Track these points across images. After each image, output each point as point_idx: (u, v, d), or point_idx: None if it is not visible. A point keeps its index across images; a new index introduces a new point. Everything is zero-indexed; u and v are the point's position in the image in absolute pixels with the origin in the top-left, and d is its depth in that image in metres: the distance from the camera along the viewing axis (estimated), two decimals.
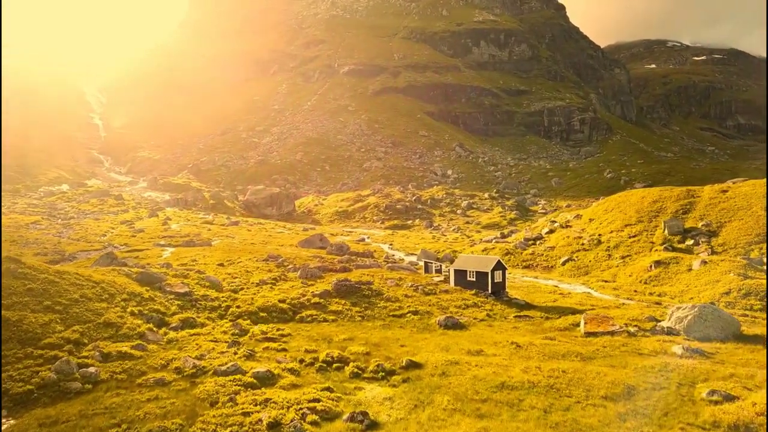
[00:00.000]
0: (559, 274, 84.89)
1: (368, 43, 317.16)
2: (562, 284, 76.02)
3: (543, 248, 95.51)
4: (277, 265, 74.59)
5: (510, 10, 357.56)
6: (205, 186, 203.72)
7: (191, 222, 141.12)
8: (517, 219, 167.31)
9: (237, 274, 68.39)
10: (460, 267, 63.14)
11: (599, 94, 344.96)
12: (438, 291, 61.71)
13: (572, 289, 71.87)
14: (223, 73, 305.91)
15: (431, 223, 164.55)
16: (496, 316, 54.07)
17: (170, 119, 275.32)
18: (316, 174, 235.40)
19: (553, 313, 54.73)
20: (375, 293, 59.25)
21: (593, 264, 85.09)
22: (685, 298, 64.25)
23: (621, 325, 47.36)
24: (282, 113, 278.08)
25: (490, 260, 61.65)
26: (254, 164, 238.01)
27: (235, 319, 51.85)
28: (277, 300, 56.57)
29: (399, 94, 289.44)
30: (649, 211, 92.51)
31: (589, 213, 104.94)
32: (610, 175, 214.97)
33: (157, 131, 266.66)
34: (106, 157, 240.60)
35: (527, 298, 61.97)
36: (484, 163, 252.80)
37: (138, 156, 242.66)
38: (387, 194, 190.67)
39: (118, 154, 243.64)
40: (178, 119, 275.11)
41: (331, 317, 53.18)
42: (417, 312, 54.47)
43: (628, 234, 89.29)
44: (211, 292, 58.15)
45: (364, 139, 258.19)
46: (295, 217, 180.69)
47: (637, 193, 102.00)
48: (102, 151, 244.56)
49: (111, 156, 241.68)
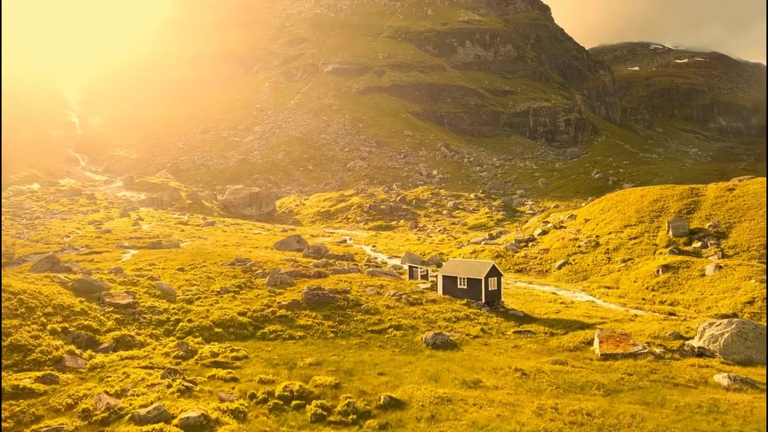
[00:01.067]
0: (556, 279, 76.57)
1: (352, 42, 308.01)
2: (560, 291, 67.70)
3: (536, 250, 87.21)
4: (244, 270, 65.58)
5: (495, 11, 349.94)
6: (183, 186, 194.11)
7: (165, 222, 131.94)
8: (505, 220, 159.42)
9: (197, 280, 59.27)
10: (450, 273, 54.51)
11: (584, 96, 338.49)
12: (424, 300, 53.02)
13: (573, 297, 63.57)
14: (205, 71, 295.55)
15: (416, 223, 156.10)
16: (493, 332, 45.46)
17: (150, 118, 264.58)
18: (299, 174, 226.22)
19: (558, 328, 46.23)
20: (352, 304, 50.43)
21: (592, 268, 76.86)
22: (701, 307, 56.09)
23: (643, 344, 38.93)
24: (264, 112, 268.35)
25: (483, 265, 53.03)
26: (235, 163, 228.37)
27: (184, 336, 42.90)
28: (237, 312, 47.62)
29: (384, 94, 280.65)
30: (650, 211, 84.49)
31: (584, 213, 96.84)
32: (598, 176, 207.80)
33: (136, 130, 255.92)
34: (83, 155, 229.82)
35: (525, 308, 53.47)
36: (469, 163, 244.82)
37: (115, 155, 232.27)
38: (371, 194, 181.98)
39: (95, 152, 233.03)
40: (158, 118, 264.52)
41: (298, 333, 44.32)
42: (400, 326, 45.77)
43: (628, 235, 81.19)
44: (160, 302, 49.09)
45: (348, 139, 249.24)
46: (276, 218, 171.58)
47: (636, 191, 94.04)
48: (78, 149, 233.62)
49: (87, 155, 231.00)
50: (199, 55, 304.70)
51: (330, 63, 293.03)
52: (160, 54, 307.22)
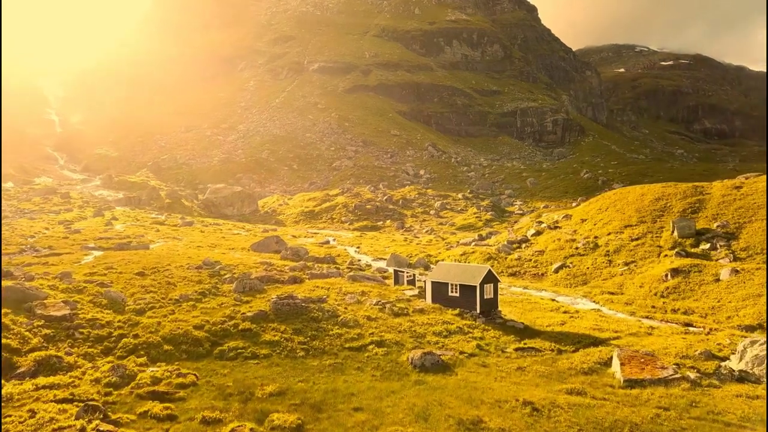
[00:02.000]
0: (553, 284, 69.81)
1: (339, 41, 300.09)
2: (559, 297, 60.90)
3: (530, 252, 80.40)
4: (211, 275, 58.20)
5: (482, 11, 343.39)
6: (164, 185, 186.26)
7: (140, 222, 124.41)
8: (494, 220, 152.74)
9: (155, 286, 51.79)
10: (440, 278, 47.40)
11: (571, 96, 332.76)
12: (411, 310, 45.89)
13: (574, 304, 56.80)
14: (189, 69, 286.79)
15: (403, 224, 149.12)
16: (491, 348, 38.42)
17: (131, 116, 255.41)
18: (284, 173, 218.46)
19: (565, 343, 39.30)
20: (328, 315, 43.17)
21: (592, 271, 70.16)
22: (720, 317, 49.45)
23: (672, 366, 32.05)
24: (249, 110, 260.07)
25: (478, 270, 45.97)
26: (218, 162, 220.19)
27: (125, 355, 35.55)
28: (194, 325, 40.26)
29: (370, 93, 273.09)
30: (652, 210, 77.97)
31: (580, 213, 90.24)
32: (587, 176, 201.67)
33: (116, 128, 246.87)
34: (61, 154, 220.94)
35: (525, 318, 46.54)
36: (456, 163, 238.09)
37: (95, 153, 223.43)
38: (356, 194, 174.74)
39: (74, 151, 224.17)
40: (140, 116, 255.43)
41: (263, 351, 37.05)
42: (383, 342, 38.60)
43: (629, 236, 74.58)
44: (105, 314, 41.62)
45: (334, 138, 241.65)
46: (258, 218, 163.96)
47: (635, 189, 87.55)
48: (57, 147, 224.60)
49: (66, 153, 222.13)
50: (183, 52, 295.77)
51: (316, 61, 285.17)
52: (144, 51, 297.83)
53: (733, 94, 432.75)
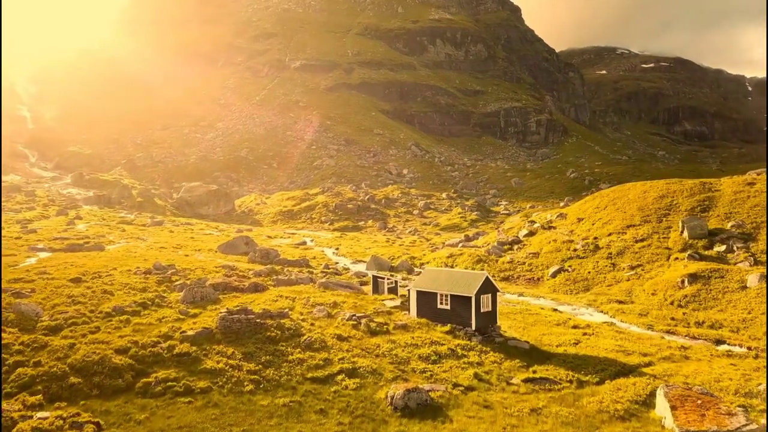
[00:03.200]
0: (551, 290, 61.48)
1: (321, 39, 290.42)
2: (561, 306, 52.51)
3: (524, 255, 72.03)
4: (160, 281, 49.05)
5: (466, 10, 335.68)
6: (137, 183, 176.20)
7: (106, 221, 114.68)
8: (479, 220, 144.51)
9: (86, 296, 42.51)
10: (427, 287, 38.66)
11: (554, 97, 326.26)
12: (392, 327, 37.10)
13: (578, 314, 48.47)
14: (167, 65, 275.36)
15: (385, 224, 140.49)
16: (493, 379, 29.78)
17: (106, 113, 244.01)
18: (263, 172, 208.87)
19: (586, 371, 30.74)
20: (289, 333, 34.23)
21: (594, 276, 61.92)
22: (755, 332, 41.33)
23: (738, 409, 23.64)
24: (228, 108, 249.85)
25: (472, 278, 37.29)
26: (195, 160, 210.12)
27: (17, 392, 26.57)
28: (116, 348, 31.23)
29: (353, 91, 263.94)
30: (657, 209, 70.01)
31: (576, 211, 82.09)
32: (574, 175, 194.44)
33: (91, 125, 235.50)
34: (33, 151, 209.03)
35: (530, 335, 37.99)
36: (440, 162, 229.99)
37: (67, 151, 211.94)
38: (337, 193, 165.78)
39: (46, 148, 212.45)
40: (116, 113, 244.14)
41: (200, 384, 28.15)
42: (355, 371, 29.86)
43: (633, 237, 66.51)
44: (7, 332, 32.44)
45: (315, 136, 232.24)
46: (234, 218, 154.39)
47: (637, 186, 79.57)
48: (28, 145, 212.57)
49: (38, 150, 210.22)
50: (161, 49, 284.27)
51: (297, 59, 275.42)
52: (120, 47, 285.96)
53: (713, 97, 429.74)
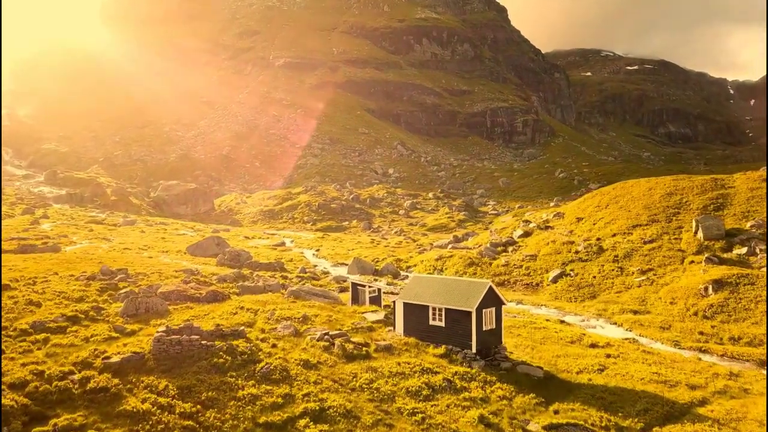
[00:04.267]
0: (552, 297, 54.34)
1: (306, 37, 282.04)
2: (568, 316, 45.35)
3: (520, 257, 64.87)
4: (103, 289, 41.21)
5: (452, 10, 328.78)
6: (114, 181, 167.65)
7: (74, 221, 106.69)
8: (467, 220, 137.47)
9: (7, 307, 34.60)
10: (416, 299, 31.22)
11: (540, 98, 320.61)
12: (373, 348, 29.60)
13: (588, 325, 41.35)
14: (149, 62, 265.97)
15: (370, 224, 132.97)
16: (504, 425, 22.36)
17: (86, 110, 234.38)
18: (245, 171, 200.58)
19: (623, 412, 23.45)
20: (242, 360, 26.59)
21: (600, 282, 54.86)
22: None
23: None
24: (211, 106, 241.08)
25: (472, 288, 29.88)
26: (175, 159, 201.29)
27: None
28: (10, 383, 23.53)
29: (338, 90, 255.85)
30: (665, 207, 63.23)
31: (574, 210, 75.12)
32: (563, 175, 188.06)
33: (68, 123, 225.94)
34: (6, 149, 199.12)
35: (542, 357, 30.68)
36: (426, 162, 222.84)
37: (43, 148, 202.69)
38: (321, 192, 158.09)
39: (21, 145, 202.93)
40: (95, 111, 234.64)
41: None
42: (323, 413, 22.39)
43: (640, 238, 59.60)
44: None
45: (299, 135, 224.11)
46: (213, 217, 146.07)
47: (641, 183, 72.73)
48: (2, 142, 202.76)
49: (12, 147, 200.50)
50: (143, 45, 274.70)
51: (282, 57, 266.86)
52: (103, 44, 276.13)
53: (696, 99, 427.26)
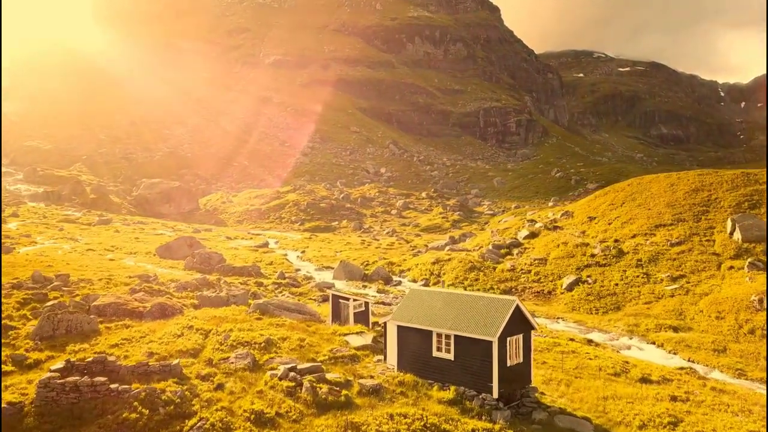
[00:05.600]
0: (569, 307, 46.12)
1: (297, 34, 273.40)
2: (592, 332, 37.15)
3: (527, 261, 56.63)
4: (25, 300, 32.66)
5: (445, 8, 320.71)
6: (96, 179, 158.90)
7: (46, 220, 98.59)
8: (462, 220, 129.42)
9: None
10: (415, 322, 22.79)
11: (533, 98, 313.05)
12: (355, 391, 21.16)
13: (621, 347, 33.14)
14: (138, 60, 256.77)
15: (361, 224, 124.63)
16: None
17: (71, 108, 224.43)
18: (233, 169, 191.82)
19: None
20: (168, 413, 18.09)
21: (624, 290, 46.70)
22: None
23: None
24: (200, 104, 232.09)
25: (493, 308, 21.49)
26: (161, 157, 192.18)
27: None
28: None
29: (329, 88, 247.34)
30: (692, 205, 55.19)
31: (584, 209, 66.98)
32: (559, 174, 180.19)
33: (53, 120, 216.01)
34: None
35: (582, 401, 22.40)
36: (419, 162, 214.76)
37: (25, 145, 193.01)
38: (310, 191, 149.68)
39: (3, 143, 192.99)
40: (81, 108, 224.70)
41: None
42: None
43: (666, 239, 51.52)
44: None
45: (289, 133, 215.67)
46: (197, 217, 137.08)
47: (661, 179, 64.55)
48: None
49: None
50: (132, 43, 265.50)
51: (272, 54, 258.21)
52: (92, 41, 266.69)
53: (687, 101, 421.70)
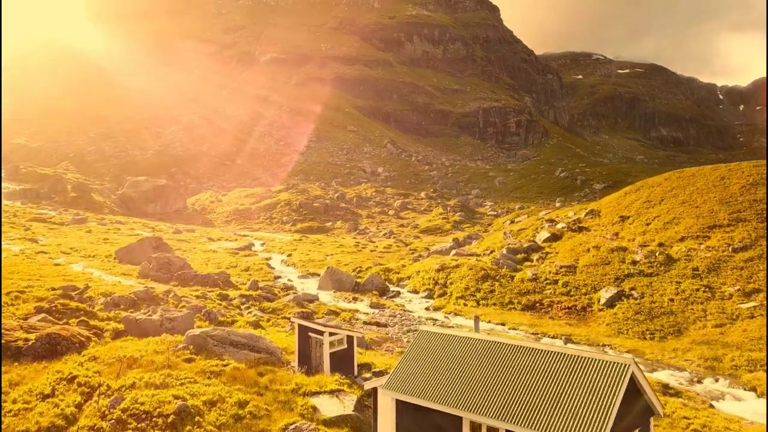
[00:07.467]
0: (612, 329, 35.58)
1: (293, 32, 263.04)
2: (660, 371, 26.56)
3: (552, 268, 46.10)
4: None
5: (444, 7, 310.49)
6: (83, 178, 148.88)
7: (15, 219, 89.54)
8: (464, 222, 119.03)
9: None
10: (426, 396, 11.86)
11: (533, 99, 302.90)
12: None
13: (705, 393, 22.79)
14: (131, 58, 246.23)
15: (356, 225, 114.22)
16: None
17: (63, 106, 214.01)
18: (225, 168, 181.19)
19: None
20: None
21: (683, 308, 36.20)
22: None
23: None
24: (194, 101, 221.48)
25: (580, 370, 11.02)
26: (151, 155, 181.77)
27: None
28: None
29: (326, 87, 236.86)
30: (752, 202, 44.81)
31: (613, 207, 56.48)
32: (564, 174, 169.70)
33: (42, 118, 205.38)
34: None
35: None
36: (417, 162, 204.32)
37: (12, 143, 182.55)
38: (303, 190, 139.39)
39: None
40: (71, 106, 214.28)
41: None
42: None
43: (725, 244, 41.12)
44: None
45: (284, 132, 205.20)
46: (184, 217, 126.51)
47: (704, 171, 54.01)
48: None
49: None
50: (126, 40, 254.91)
51: (268, 52, 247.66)
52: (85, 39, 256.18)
53: (687, 104, 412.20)
